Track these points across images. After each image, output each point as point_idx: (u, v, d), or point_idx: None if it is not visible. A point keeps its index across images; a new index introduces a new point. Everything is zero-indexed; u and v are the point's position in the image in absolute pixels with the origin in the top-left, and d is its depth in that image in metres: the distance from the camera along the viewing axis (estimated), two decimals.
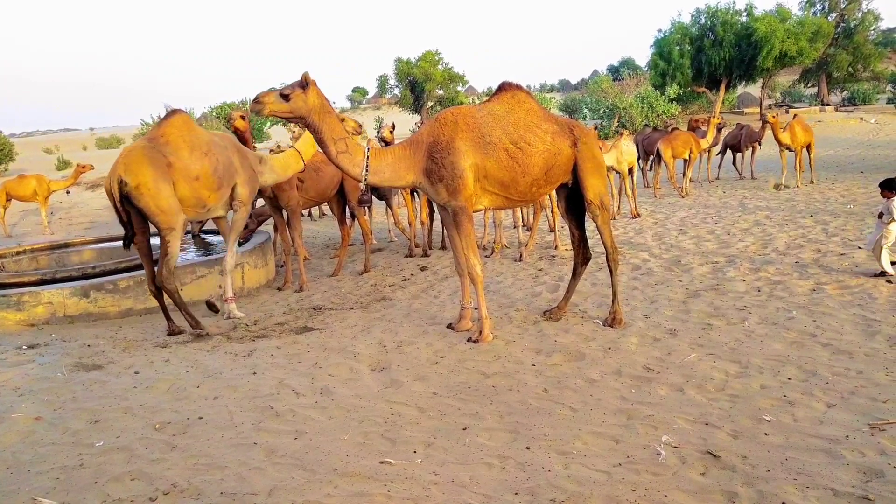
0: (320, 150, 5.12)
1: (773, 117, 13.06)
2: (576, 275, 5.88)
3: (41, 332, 6.26)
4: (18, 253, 9.12)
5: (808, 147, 13.74)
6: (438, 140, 5.02)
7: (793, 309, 5.60)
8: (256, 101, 4.69)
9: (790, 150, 13.48)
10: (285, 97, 4.64)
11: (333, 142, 4.83)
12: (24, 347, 5.72)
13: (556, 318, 5.74)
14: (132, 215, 5.81)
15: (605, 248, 5.61)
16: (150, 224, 5.92)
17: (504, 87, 5.35)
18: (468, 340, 5.31)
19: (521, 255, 8.37)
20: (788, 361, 4.50)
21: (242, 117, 7.18)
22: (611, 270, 5.64)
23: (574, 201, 5.68)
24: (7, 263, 8.42)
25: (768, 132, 14.19)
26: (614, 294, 5.55)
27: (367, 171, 4.93)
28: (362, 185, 5.13)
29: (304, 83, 4.68)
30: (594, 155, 5.42)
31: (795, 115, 14.83)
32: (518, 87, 5.37)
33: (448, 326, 5.69)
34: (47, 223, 15.40)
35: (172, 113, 6.17)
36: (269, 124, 38.83)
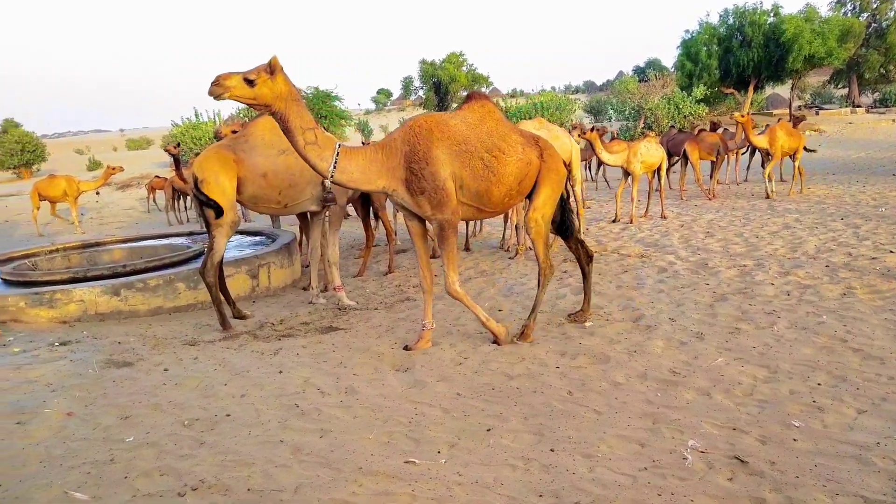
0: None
1: (743, 116, 12.28)
2: (586, 276, 5.81)
3: (73, 330, 6.40)
4: (51, 252, 9.32)
5: (794, 155, 12.82)
6: (415, 149, 4.78)
7: (823, 313, 5.51)
8: (216, 83, 4.33)
9: (768, 155, 12.62)
10: (250, 82, 4.33)
11: (302, 132, 4.54)
12: (57, 344, 5.85)
13: (582, 321, 5.70)
14: (204, 209, 6.16)
15: (539, 262, 5.42)
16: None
17: (473, 97, 5.25)
18: (404, 348, 5.28)
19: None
20: (818, 367, 4.43)
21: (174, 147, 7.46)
22: (539, 285, 5.49)
23: (559, 213, 5.58)
24: (40, 262, 8.60)
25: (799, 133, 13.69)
26: (534, 308, 5.45)
27: (334, 167, 4.66)
28: (328, 183, 4.88)
29: (272, 68, 4.41)
30: (557, 168, 5.30)
31: (780, 119, 14.23)
32: (485, 96, 5.30)
33: (405, 348, 5.34)
34: (78, 222, 15.73)
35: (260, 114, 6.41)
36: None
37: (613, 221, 11.08)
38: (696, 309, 5.87)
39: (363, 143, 12.82)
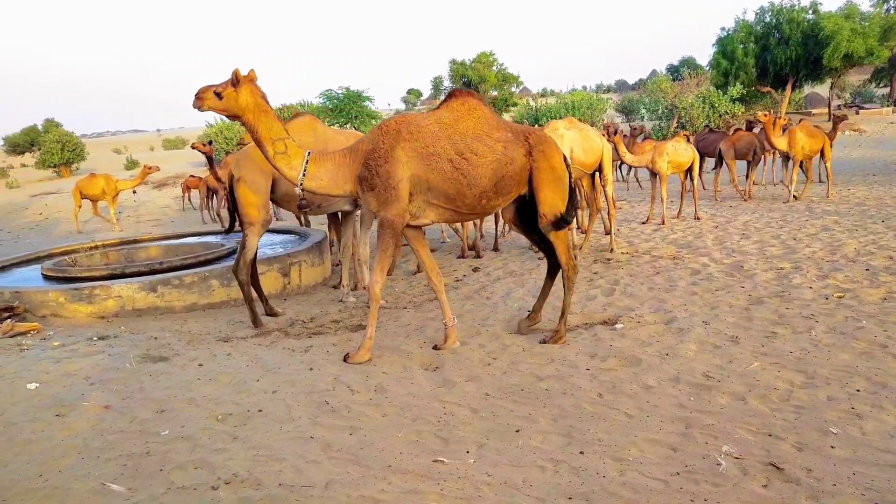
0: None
1: (766, 116, 11.74)
2: (553, 277, 5.60)
3: (111, 325, 6.54)
4: (90, 249, 9.55)
5: (822, 156, 12.39)
6: (377, 148, 4.79)
7: (862, 318, 5.37)
8: (196, 96, 4.62)
9: (789, 158, 12.19)
10: (218, 95, 4.55)
11: (271, 142, 4.69)
12: (95, 339, 5.99)
13: (527, 331, 5.47)
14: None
15: (561, 264, 5.26)
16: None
17: (454, 95, 5.07)
18: (433, 347, 5.25)
19: (574, 258, 8.28)
20: (857, 372, 4.32)
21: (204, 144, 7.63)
22: (564, 288, 5.30)
23: (526, 212, 5.35)
24: (80, 258, 8.82)
25: (840, 133, 13.23)
26: (563, 312, 5.30)
27: (304, 175, 4.76)
28: (298, 190, 4.91)
29: (235, 80, 4.56)
30: (552, 166, 5.04)
31: (801, 119, 13.73)
32: (469, 93, 5.11)
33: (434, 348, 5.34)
34: (115, 220, 16.08)
35: (298, 114, 6.69)
36: None
37: (644, 223, 10.96)
38: (731, 312, 5.77)
39: None
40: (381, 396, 4.38)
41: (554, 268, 5.53)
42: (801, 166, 12.36)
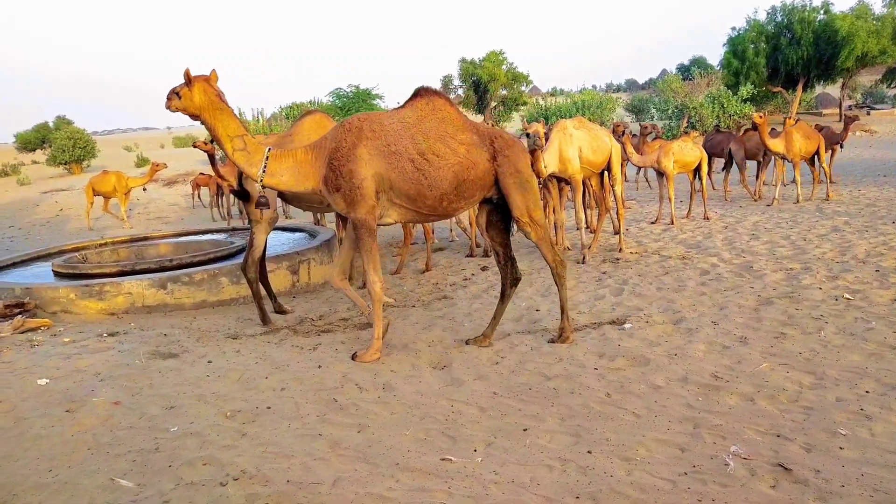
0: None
1: (760, 117, 11.39)
2: (504, 297, 5.43)
3: (121, 321, 6.59)
4: (100, 246, 9.61)
5: (816, 157, 12.11)
6: (340, 146, 4.79)
7: (872, 319, 5.34)
8: (167, 97, 4.72)
9: (785, 160, 11.95)
10: (177, 95, 4.64)
11: (229, 139, 4.74)
12: (105, 335, 6.03)
13: (485, 344, 5.31)
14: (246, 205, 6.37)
15: (548, 262, 5.22)
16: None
17: (420, 93, 5.01)
18: (352, 357, 5.11)
19: (584, 258, 8.27)
20: (866, 374, 4.30)
21: (206, 143, 7.89)
22: (557, 285, 5.27)
23: (496, 217, 5.32)
24: (90, 255, 8.88)
25: (851, 133, 13.00)
26: (563, 309, 5.23)
27: (264, 171, 4.79)
28: (258, 187, 4.95)
29: (187, 80, 4.63)
30: (518, 169, 4.97)
31: (798, 120, 13.37)
32: (436, 93, 5.03)
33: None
34: (126, 217, 16.18)
35: (307, 113, 6.71)
36: None
37: (653, 222, 10.93)
38: (740, 312, 5.75)
39: None
40: (389, 394, 4.39)
41: (507, 288, 5.41)
42: (814, 166, 12.20)
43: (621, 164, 10.63)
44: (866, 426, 3.60)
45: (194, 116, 4.73)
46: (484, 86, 43.78)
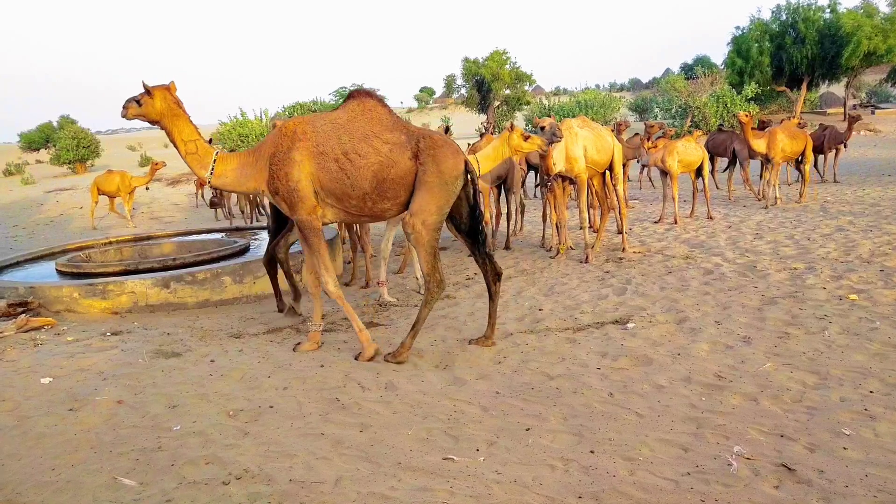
0: None
1: (747, 116, 11.12)
2: (492, 295, 5.34)
3: (124, 320, 6.60)
4: (104, 245, 9.63)
5: (801, 158, 11.92)
6: (277, 151, 4.98)
7: (876, 319, 5.32)
8: (123, 106, 5.03)
9: (767, 160, 11.67)
10: (138, 102, 4.98)
11: (183, 143, 5.08)
12: (109, 334, 6.04)
13: (488, 345, 5.26)
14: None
15: (423, 273, 5.07)
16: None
17: (353, 95, 5.16)
18: (355, 358, 5.11)
19: (586, 257, 8.26)
20: (870, 374, 4.28)
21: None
22: (422, 302, 5.07)
23: (462, 218, 5.30)
24: (94, 254, 8.90)
25: (855, 133, 12.77)
26: (413, 326, 5.06)
27: (211, 173, 5.09)
28: (208, 187, 5.26)
29: (146, 90, 4.97)
30: (440, 170, 4.89)
31: (783, 120, 13.01)
32: (368, 94, 5.16)
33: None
34: (130, 216, 16.22)
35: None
36: None
37: (657, 222, 10.91)
38: (744, 312, 5.73)
39: None
40: (391, 394, 4.39)
41: (491, 286, 5.34)
42: (797, 168, 11.96)
43: (624, 164, 10.61)
44: (870, 426, 3.59)
45: (154, 122, 5.07)
46: (487, 85, 43.76)
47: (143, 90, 5.00)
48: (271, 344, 5.62)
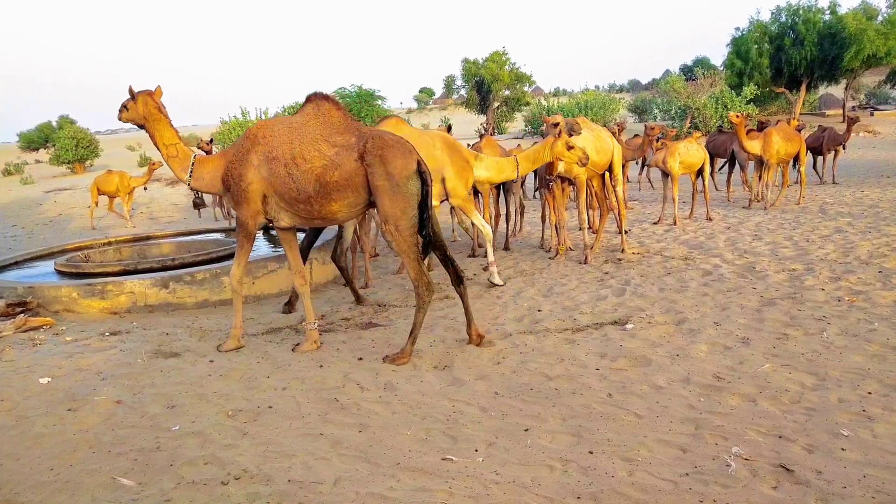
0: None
1: (737, 117, 10.95)
2: (462, 297, 5.31)
3: (123, 320, 6.59)
4: (103, 245, 9.62)
5: (796, 160, 11.92)
6: (238, 152, 5.14)
7: (875, 320, 5.32)
8: (119, 109, 5.33)
9: (761, 162, 11.64)
10: (125, 107, 5.27)
11: (165, 147, 5.30)
12: (107, 334, 6.03)
13: (477, 344, 5.26)
14: None
15: (410, 279, 5.06)
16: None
17: (310, 99, 5.19)
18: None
19: (585, 258, 8.26)
20: (869, 375, 4.29)
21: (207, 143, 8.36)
22: (416, 306, 5.03)
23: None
24: (93, 254, 8.89)
25: (854, 134, 12.78)
26: (412, 332, 5.04)
27: (190, 176, 5.30)
28: (189, 189, 5.43)
29: (131, 95, 5.22)
30: (388, 172, 4.82)
31: (778, 121, 12.97)
32: (324, 97, 5.16)
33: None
34: (129, 217, 16.21)
35: (386, 118, 7.12)
36: None
37: (656, 223, 10.91)
38: (742, 313, 5.74)
39: None
40: (390, 394, 4.39)
41: (456, 288, 5.32)
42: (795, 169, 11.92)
43: (623, 165, 10.61)
44: (868, 427, 3.59)
45: (140, 125, 5.31)
46: (487, 86, 43.78)
47: (129, 95, 5.22)
48: (270, 344, 5.62)
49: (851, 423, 3.66)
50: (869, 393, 4.02)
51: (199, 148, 12.43)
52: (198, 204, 5.37)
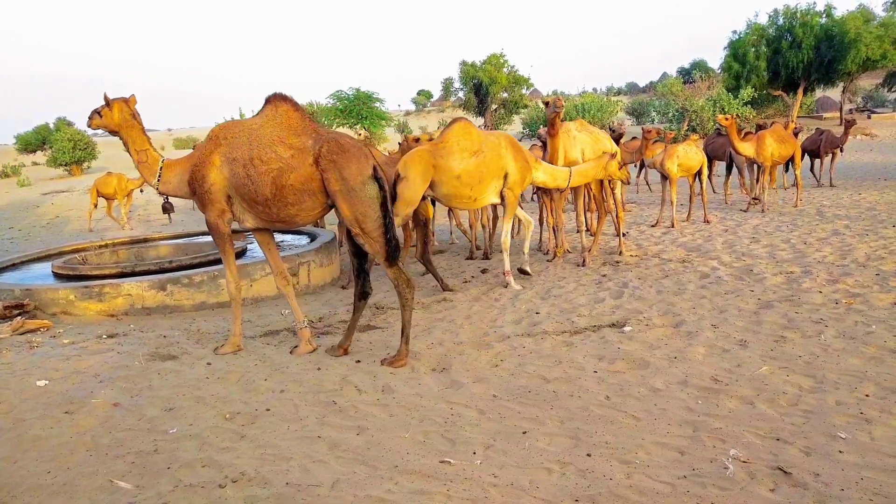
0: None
1: (727, 119, 10.97)
2: (355, 310, 5.33)
3: (120, 323, 6.58)
4: (100, 247, 9.61)
5: (791, 163, 11.94)
6: (202, 154, 5.18)
7: (872, 322, 5.33)
8: (89, 116, 5.38)
9: (755, 164, 11.70)
10: (98, 114, 5.32)
11: (136, 153, 5.36)
12: (105, 336, 6.02)
13: (338, 355, 5.24)
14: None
15: (390, 279, 5.02)
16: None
17: (269, 100, 5.18)
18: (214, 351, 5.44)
19: (583, 261, 8.27)
20: (866, 377, 4.30)
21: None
22: (400, 306, 5.03)
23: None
24: (90, 257, 8.87)
25: (851, 137, 12.86)
26: (403, 331, 5.00)
27: (159, 180, 5.35)
28: (158, 193, 5.51)
29: (106, 103, 5.30)
30: (342, 177, 4.80)
31: (773, 123, 12.65)
32: (283, 98, 5.15)
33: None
34: (126, 219, 16.19)
35: (455, 120, 7.25)
36: None
37: (654, 225, 10.93)
38: (740, 316, 5.75)
39: (399, 144, 12.91)
40: (388, 397, 4.39)
41: (357, 300, 5.31)
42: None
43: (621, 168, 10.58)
44: (866, 430, 3.60)
45: (113, 132, 5.35)
46: (485, 88, 43.83)
47: (103, 102, 5.31)
48: (268, 347, 5.62)
49: (849, 425, 3.66)
50: (866, 395, 4.03)
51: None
52: (167, 208, 5.41)
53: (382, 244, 4.91)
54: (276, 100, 5.16)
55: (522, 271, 7.70)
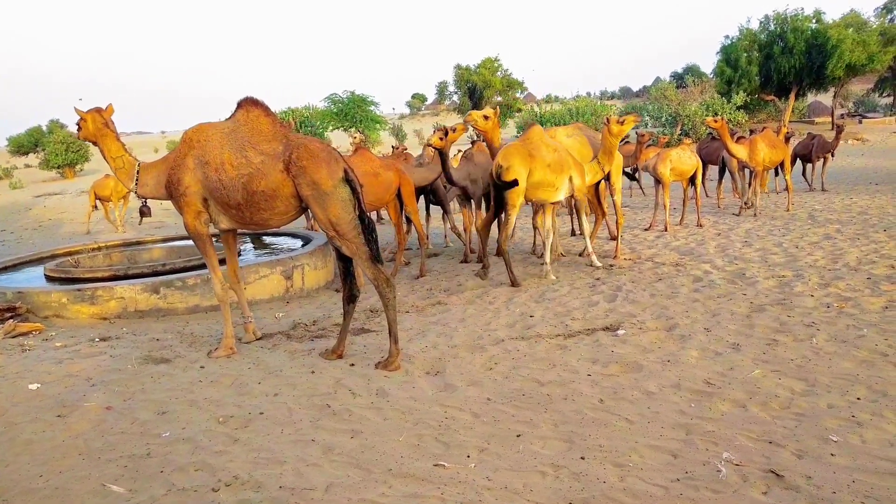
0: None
1: (716, 122, 11.00)
2: (345, 314, 5.32)
3: (113, 326, 6.56)
4: (93, 250, 9.58)
5: (781, 167, 12.06)
6: (177, 157, 5.23)
7: (864, 326, 5.37)
8: (76, 128, 5.53)
9: (747, 168, 11.84)
10: (79, 126, 5.49)
11: (113, 159, 5.47)
12: (97, 339, 6.00)
13: (332, 359, 5.23)
14: (496, 194, 7.55)
15: (370, 280, 5.01)
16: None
17: (240, 104, 5.19)
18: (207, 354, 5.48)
19: (591, 261, 8.28)
20: (858, 381, 4.32)
21: None
22: (383, 305, 5.01)
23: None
24: (82, 260, 8.84)
25: (843, 142, 12.98)
26: (391, 332, 4.97)
27: (136, 184, 5.44)
28: (136, 197, 5.61)
29: (80, 115, 5.43)
30: (314, 181, 4.82)
31: (764, 128, 12.75)
32: (254, 102, 5.17)
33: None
34: (121, 222, 16.14)
35: (532, 124, 8.12)
36: None
37: (647, 229, 10.97)
38: (733, 319, 5.77)
39: (393, 147, 12.86)
40: (382, 400, 4.39)
41: (345, 304, 5.32)
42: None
43: None
44: (857, 433, 3.62)
45: (93, 142, 5.51)
46: (479, 92, 43.95)
47: (78, 116, 5.43)
48: (262, 350, 5.61)
49: (841, 428, 3.68)
50: (858, 398, 4.05)
51: None
52: (144, 212, 5.41)
53: (359, 245, 4.94)
54: (247, 104, 5.18)
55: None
